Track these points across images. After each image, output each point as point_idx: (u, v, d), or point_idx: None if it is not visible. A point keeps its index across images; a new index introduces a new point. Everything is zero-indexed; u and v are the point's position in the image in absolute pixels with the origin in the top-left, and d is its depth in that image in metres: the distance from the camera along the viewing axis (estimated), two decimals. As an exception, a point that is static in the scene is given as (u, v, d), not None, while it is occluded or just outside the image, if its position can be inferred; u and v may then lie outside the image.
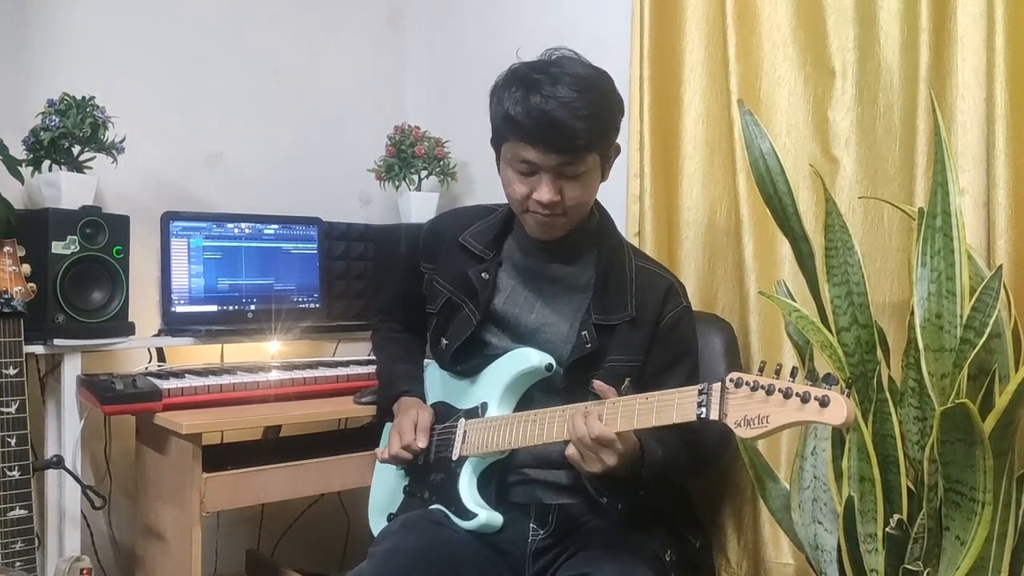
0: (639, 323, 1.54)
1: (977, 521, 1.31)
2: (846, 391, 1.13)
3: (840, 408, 1.11)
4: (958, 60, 1.60)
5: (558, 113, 1.40)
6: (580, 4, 2.33)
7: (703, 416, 1.22)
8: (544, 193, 1.46)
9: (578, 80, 1.43)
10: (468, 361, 1.62)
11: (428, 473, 1.60)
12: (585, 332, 1.53)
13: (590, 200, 1.54)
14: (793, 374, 1.16)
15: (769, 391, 1.16)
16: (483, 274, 1.60)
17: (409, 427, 1.59)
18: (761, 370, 1.19)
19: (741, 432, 1.17)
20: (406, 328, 1.83)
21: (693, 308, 1.69)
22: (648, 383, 1.53)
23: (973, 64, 1.59)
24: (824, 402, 1.11)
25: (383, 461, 1.64)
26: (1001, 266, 1.39)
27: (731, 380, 1.20)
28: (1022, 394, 1.28)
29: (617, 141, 1.54)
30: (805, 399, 1.12)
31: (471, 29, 2.71)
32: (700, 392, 1.23)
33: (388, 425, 1.76)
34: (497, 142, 1.53)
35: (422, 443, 1.58)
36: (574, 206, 1.49)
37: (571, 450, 1.37)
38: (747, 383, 1.18)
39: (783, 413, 1.14)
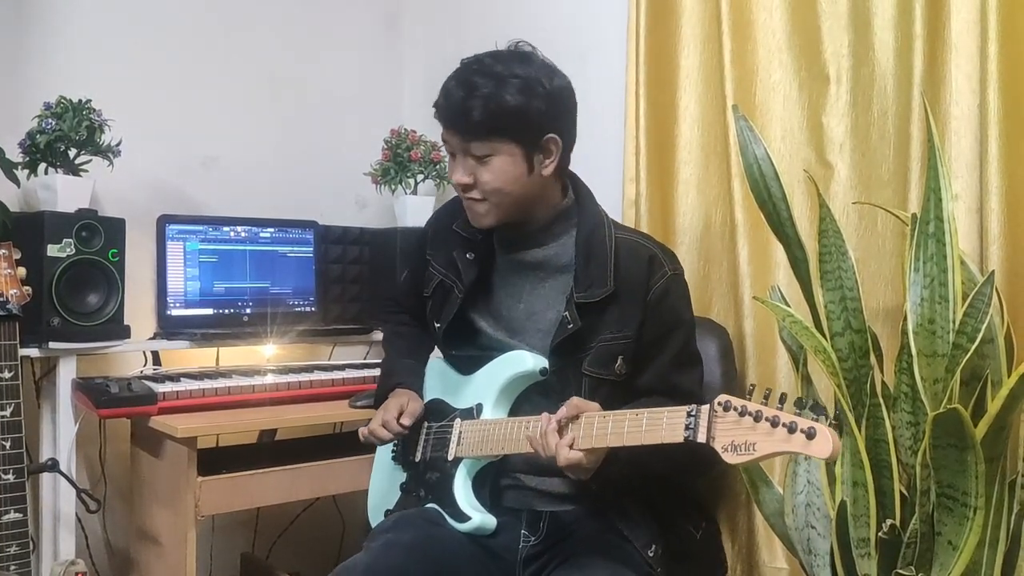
0: (623, 296, 1.52)
1: (969, 526, 1.32)
2: (833, 422, 1.12)
3: (826, 441, 1.10)
4: (951, 67, 1.60)
5: (457, 92, 1.48)
6: (576, 9, 2.34)
7: (690, 438, 1.21)
8: (455, 173, 1.53)
9: (502, 65, 1.48)
10: (462, 347, 1.63)
11: (424, 471, 1.60)
12: (567, 312, 1.51)
13: (509, 189, 1.51)
14: (782, 400, 1.15)
15: (757, 418, 1.15)
16: (468, 254, 1.62)
17: (395, 408, 1.59)
18: (750, 393, 1.19)
19: (727, 457, 1.17)
20: (415, 319, 1.83)
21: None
22: (642, 359, 1.53)
23: (967, 71, 1.59)
24: (810, 434, 1.10)
25: (363, 440, 1.64)
26: (993, 272, 1.40)
27: (719, 404, 1.19)
28: (1014, 399, 1.29)
29: (555, 136, 1.50)
30: (792, 429, 1.11)
31: (467, 33, 2.71)
32: (689, 414, 1.22)
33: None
34: None
35: (405, 422, 1.58)
36: (490, 191, 1.51)
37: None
38: (735, 408, 1.17)
39: (770, 442, 1.13)
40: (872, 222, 1.77)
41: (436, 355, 1.78)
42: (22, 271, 1.80)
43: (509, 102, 1.47)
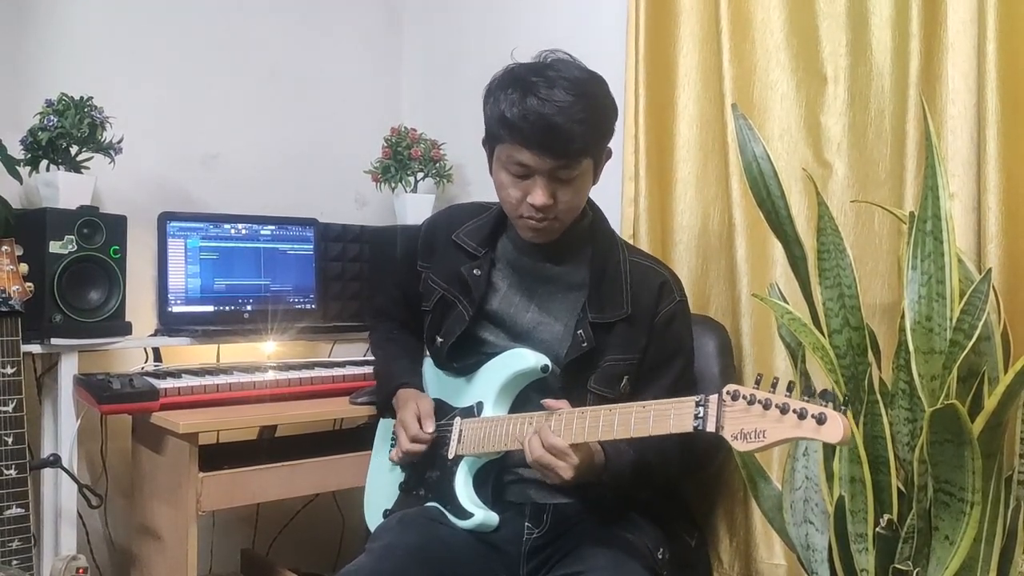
0: (635, 320, 1.55)
1: (966, 521, 1.33)
2: (842, 408, 1.12)
3: (837, 426, 1.10)
4: (948, 66, 1.61)
5: (555, 118, 1.40)
6: (576, 8, 2.35)
7: (699, 428, 1.22)
8: (538, 197, 1.46)
9: (574, 84, 1.44)
10: (464, 359, 1.63)
11: (424, 470, 1.61)
12: (581, 331, 1.53)
13: (581, 204, 1.55)
14: (789, 388, 1.16)
15: (766, 405, 1.15)
16: (475, 271, 1.61)
17: (412, 418, 1.59)
18: (757, 383, 1.19)
19: (738, 445, 1.17)
20: (404, 327, 1.84)
21: (686, 310, 1.71)
22: (643, 380, 1.55)
23: (963, 70, 1.60)
24: (821, 419, 1.11)
25: (397, 462, 1.64)
26: (990, 269, 1.40)
27: (728, 393, 1.19)
28: (1011, 396, 1.30)
29: (608, 145, 1.55)
30: (802, 415, 1.12)
31: (467, 32, 2.72)
32: (697, 404, 1.23)
33: (382, 422, 1.77)
34: (491, 144, 1.53)
35: (429, 428, 1.57)
36: (566, 210, 1.51)
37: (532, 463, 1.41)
38: (744, 396, 1.18)
39: (780, 429, 1.14)
40: (869, 220, 1.78)
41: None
42: (24, 267, 1.81)
43: (603, 124, 1.48)
